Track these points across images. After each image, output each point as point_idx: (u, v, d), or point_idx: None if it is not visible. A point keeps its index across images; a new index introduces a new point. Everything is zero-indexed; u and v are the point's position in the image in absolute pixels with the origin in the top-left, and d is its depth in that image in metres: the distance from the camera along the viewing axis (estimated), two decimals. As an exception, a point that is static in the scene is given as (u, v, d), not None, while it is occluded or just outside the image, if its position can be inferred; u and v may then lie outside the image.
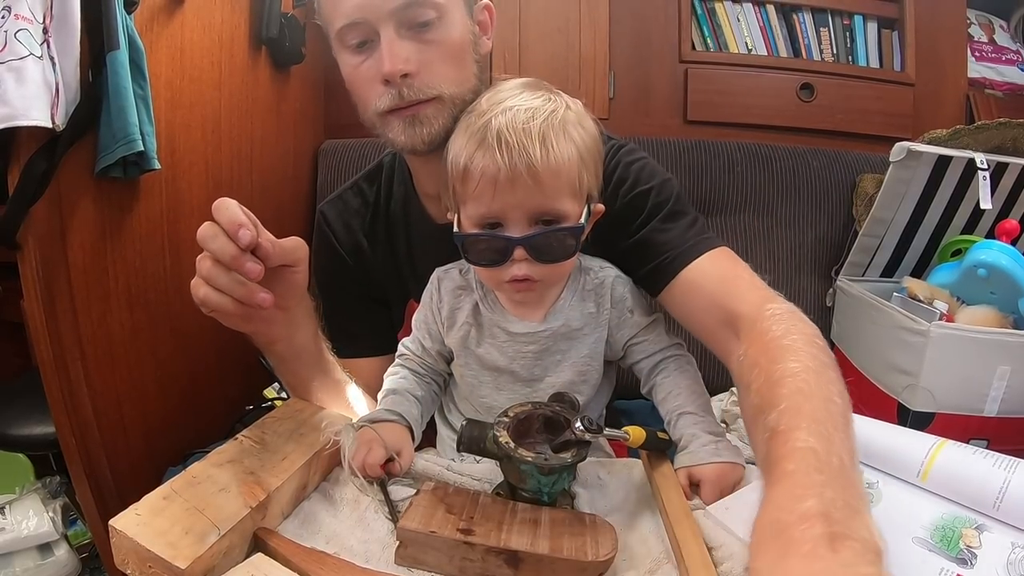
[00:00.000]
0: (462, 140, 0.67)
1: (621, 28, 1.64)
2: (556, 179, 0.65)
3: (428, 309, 0.78)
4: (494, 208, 0.65)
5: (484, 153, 0.64)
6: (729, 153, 1.53)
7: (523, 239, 0.66)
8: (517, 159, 0.62)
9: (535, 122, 0.64)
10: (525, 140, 0.63)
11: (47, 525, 1.19)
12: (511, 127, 0.64)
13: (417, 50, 0.71)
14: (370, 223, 0.91)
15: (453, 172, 0.68)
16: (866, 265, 1.41)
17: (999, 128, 1.23)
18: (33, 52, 0.85)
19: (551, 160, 0.64)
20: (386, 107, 0.73)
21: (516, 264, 0.67)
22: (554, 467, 0.56)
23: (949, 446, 0.64)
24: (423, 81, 0.71)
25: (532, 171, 0.63)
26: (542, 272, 0.68)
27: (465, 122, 0.69)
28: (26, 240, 0.92)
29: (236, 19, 1.31)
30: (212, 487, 0.55)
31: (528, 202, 0.65)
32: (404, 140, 0.74)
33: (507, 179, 0.63)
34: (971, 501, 0.59)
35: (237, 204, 0.58)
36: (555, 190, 0.65)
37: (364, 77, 0.73)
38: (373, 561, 0.54)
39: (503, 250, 0.66)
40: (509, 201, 0.65)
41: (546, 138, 0.64)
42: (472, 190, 0.65)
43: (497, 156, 0.63)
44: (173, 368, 1.19)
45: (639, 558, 0.56)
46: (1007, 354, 1.03)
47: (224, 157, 1.31)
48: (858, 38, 1.72)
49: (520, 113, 0.65)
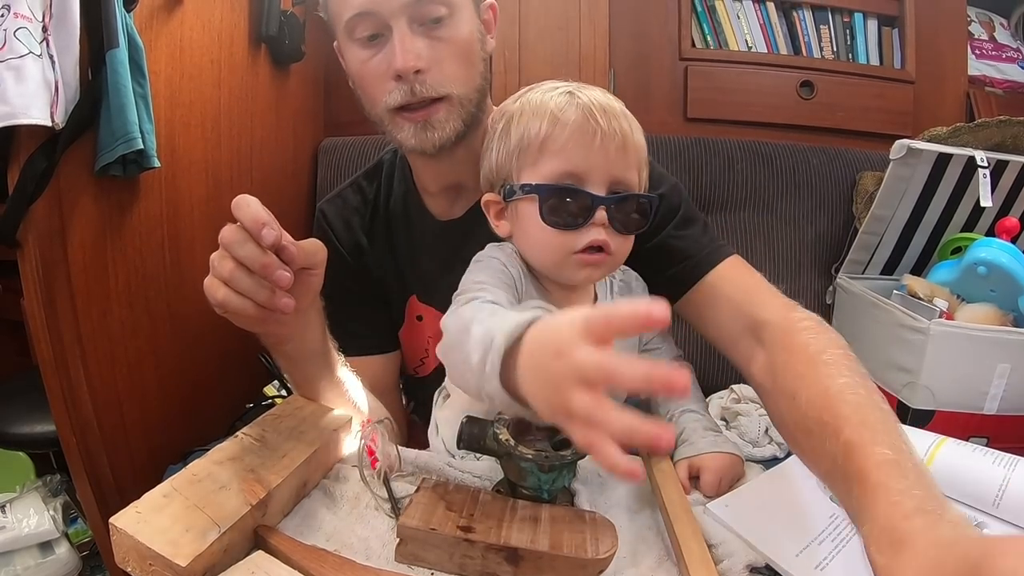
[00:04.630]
0: (542, 96, 0.68)
1: (621, 25, 1.64)
2: (638, 155, 0.67)
3: (506, 275, 0.70)
4: (580, 163, 0.65)
5: (577, 111, 0.65)
6: (729, 151, 1.53)
7: (608, 198, 0.65)
8: (613, 123, 0.64)
9: (617, 105, 0.67)
10: (614, 113, 0.65)
11: (48, 523, 1.19)
12: (598, 101, 0.65)
13: (428, 46, 0.71)
14: (370, 220, 0.90)
15: (531, 118, 0.67)
16: (866, 263, 1.41)
17: (999, 126, 1.23)
18: (32, 50, 0.84)
19: (635, 138, 0.67)
20: (397, 103, 0.72)
21: (595, 228, 0.65)
22: (554, 464, 0.56)
23: (949, 444, 0.64)
24: (434, 78, 0.71)
25: (624, 138, 0.65)
26: (616, 244, 0.67)
27: (526, 99, 0.69)
28: (26, 238, 0.92)
29: (236, 17, 1.31)
30: (212, 485, 0.55)
31: (615, 166, 0.65)
32: (414, 143, 0.74)
33: (601, 137, 0.64)
34: (971, 498, 0.59)
35: (258, 201, 0.56)
36: (638, 164, 0.68)
37: (374, 72, 0.73)
38: (373, 558, 0.54)
39: (585, 210, 0.65)
40: (598, 159, 0.65)
41: (630, 119, 0.67)
42: (558, 145, 0.65)
43: (595, 114, 0.64)
44: (173, 366, 1.19)
45: (639, 555, 0.56)
46: (1007, 352, 1.03)
47: (224, 155, 1.31)
48: (858, 35, 1.71)
49: (600, 92, 0.67)
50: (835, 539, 0.55)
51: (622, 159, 0.65)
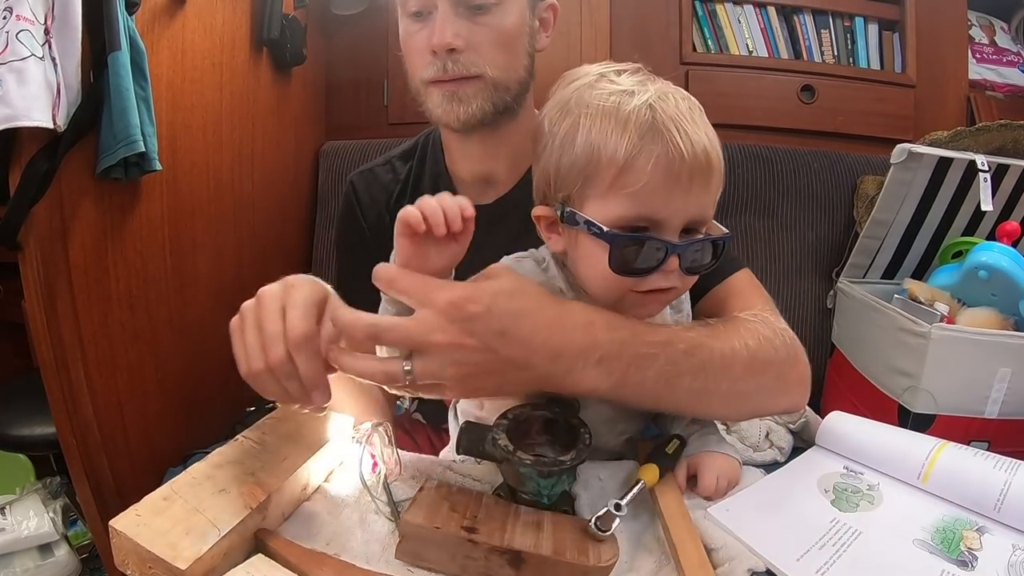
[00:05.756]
0: (613, 118, 0.56)
1: (622, 30, 1.64)
2: (720, 180, 0.59)
3: None
4: (660, 209, 0.56)
5: (661, 141, 0.54)
6: (730, 154, 1.50)
7: (682, 245, 0.57)
8: (699, 152, 0.55)
9: (695, 113, 0.58)
10: (697, 134, 0.56)
11: (47, 525, 1.19)
12: (680, 117, 0.56)
13: (468, 29, 0.74)
14: (396, 200, 0.91)
15: (600, 150, 0.56)
16: (867, 267, 1.41)
17: (1000, 130, 1.23)
18: (35, 53, 0.85)
19: (717, 160, 0.58)
20: (431, 77, 0.76)
21: (665, 275, 0.57)
22: (553, 470, 0.56)
23: (950, 448, 0.64)
24: (468, 58, 0.74)
25: (708, 170, 0.56)
26: (682, 284, 0.60)
27: (589, 102, 0.58)
28: (27, 241, 0.92)
29: (237, 20, 1.32)
30: (212, 488, 0.55)
31: (694, 203, 0.57)
32: (440, 113, 0.77)
33: (686, 177, 0.55)
34: (972, 503, 0.59)
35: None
36: (715, 193, 0.59)
37: (416, 45, 0.77)
38: (373, 562, 0.54)
39: (657, 258, 0.56)
40: (679, 203, 0.56)
41: (709, 132, 0.58)
42: (637, 185, 0.55)
43: (680, 149, 0.54)
44: (174, 369, 1.19)
45: (640, 561, 0.56)
46: (1008, 356, 1.03)
47: (225, 158, 1.31)
48: (859, 40, 1.72)
49: (680, 101, 0.58)
50: (836, 544, 0.55)
51: (704, 195, 0.57)
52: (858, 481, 0.65)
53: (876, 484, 0.64)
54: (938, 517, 0.58)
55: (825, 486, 0.64)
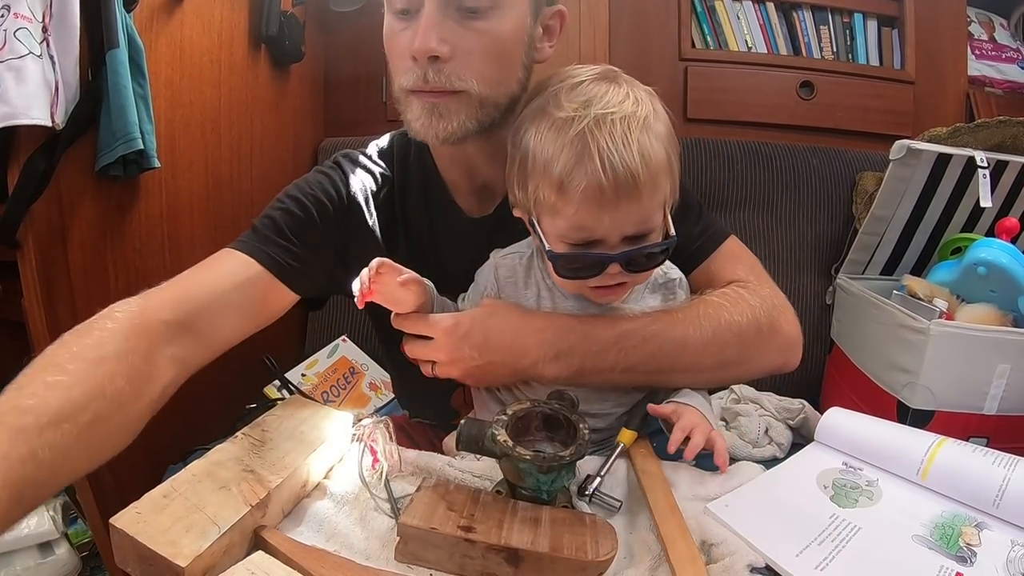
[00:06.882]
0: (554, 143, 0.63)
1: (621, 26, 1.64)
2: (653, 193, 0.63)
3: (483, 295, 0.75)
4: (594, 230, 0.64)
5: (586, 171, 0.61)
6: (729, 151, 1.53)
7: (621, 255, 0.65)
8: (622, 179, 0.60)
9: (633, 133, 0.61)
10: (627, 155, 0.60)
11: (47, 524, 1.19)
12: (611, 141, 0.60)
13: (457, 34, 0.66)
14: (385, 199, 0.83)
15: (543, 175, 0.64)
16: (866, 263, 1.41)
17: (999, 126, 1.23)
18: (33, 51, 0.85)
19: (650, 172, 0.62)
20: (409, 85, 0.68)
21: (611, 276, 0.66)
22: (552, 465, 0.56)
23: (949, 444, 0.64)
24: (453, 70, 0.66)
25: (635, 190, 0.61)
26: (633, 278, 0.69)
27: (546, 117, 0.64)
28: (26, 239, 0.92)
29: (236, 17, 1.31)
30: (212, 485, 0.55)
31: (627, 220, 0.63)
32: (418, 127, 0.70)
33: (611, 200, 0.61)
34: (971, 499, 0.59)
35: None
36: (652, 204, 0.64)
37: (398, 47, 0.69)
38: (373, 559, 0.54)
39: (598, 265, 0.65)
40: (609, 222, 0.63)
41: (644, 150, 0.62)
42: (570, 209, 0.63)
43: (601, 177, 0.60)
44: (173, 366, 1.19)
45: (639, 556, 0.56)
46: (1007, 352, 1.03)
47: (224, 155, 1.31)
48: (858, 36, 1.71)
49: (617, 123, 0.61)
50: (835, 540, 0.55)
51: (635, 211, 0.63)
52: (857, 477, 0.65)
53: (875, 480, 0.64)
54: (937, 513, 0.58)
55: (824, 482, 0.64)
